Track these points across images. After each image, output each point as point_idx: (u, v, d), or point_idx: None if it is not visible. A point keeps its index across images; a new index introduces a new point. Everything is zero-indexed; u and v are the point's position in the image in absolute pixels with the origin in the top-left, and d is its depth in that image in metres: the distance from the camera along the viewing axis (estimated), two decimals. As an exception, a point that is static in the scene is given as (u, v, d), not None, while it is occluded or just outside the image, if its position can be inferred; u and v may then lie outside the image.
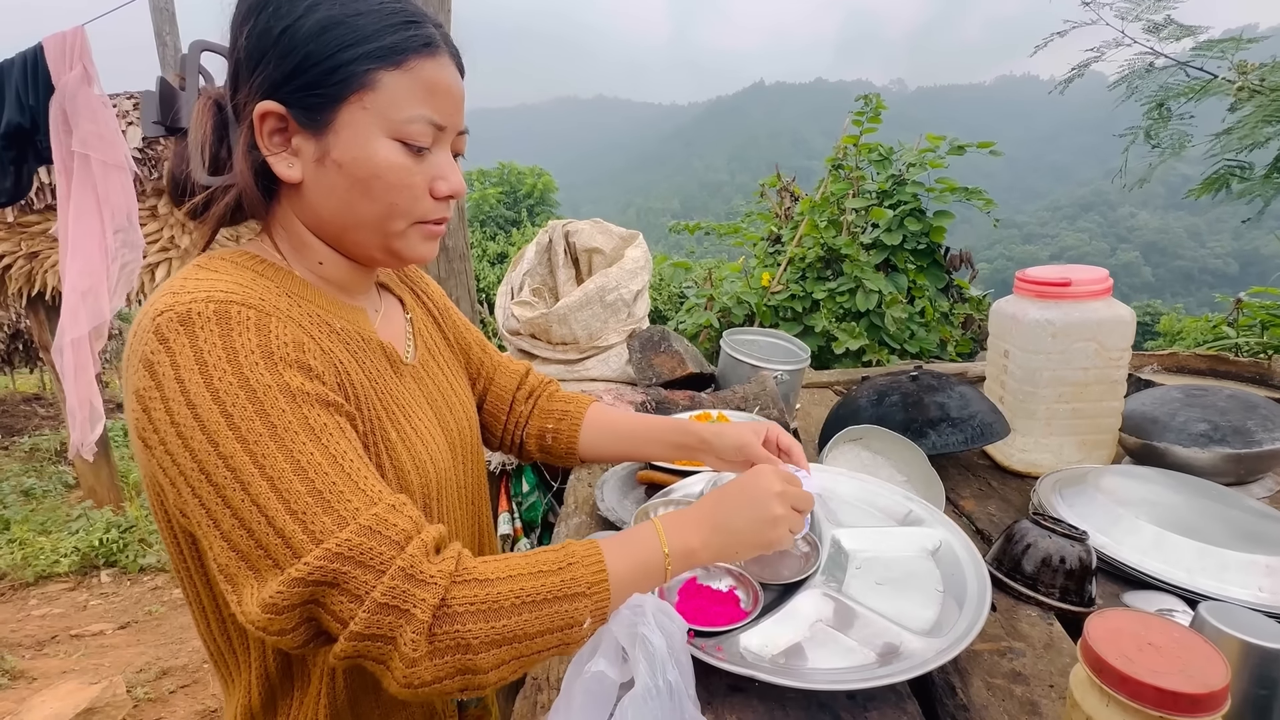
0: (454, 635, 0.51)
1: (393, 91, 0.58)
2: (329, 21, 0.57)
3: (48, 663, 2.84)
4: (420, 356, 0.77)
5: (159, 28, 3.59)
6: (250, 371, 0.52)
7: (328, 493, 0.52)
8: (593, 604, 0.55)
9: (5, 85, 2.15)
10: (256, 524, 0.51)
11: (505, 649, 0.53)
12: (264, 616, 0.50)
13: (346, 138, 0.58)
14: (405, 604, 0.50)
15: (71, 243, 2.34)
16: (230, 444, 0.51)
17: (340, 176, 0.60)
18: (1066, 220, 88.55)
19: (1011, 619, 0.78)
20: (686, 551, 0.62)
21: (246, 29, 0.58)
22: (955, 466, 1.24)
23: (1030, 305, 1.16)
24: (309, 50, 0.57)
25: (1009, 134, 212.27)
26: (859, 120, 3.19)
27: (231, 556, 0.52)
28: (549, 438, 0.91)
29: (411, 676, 0.50)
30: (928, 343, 2.99)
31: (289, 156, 0.60)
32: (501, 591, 0.53)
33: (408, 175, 0.61)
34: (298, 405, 0.53)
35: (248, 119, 0.59)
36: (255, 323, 0.54)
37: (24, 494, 4.85)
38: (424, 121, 0.60)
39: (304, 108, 0.58)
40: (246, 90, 0.59)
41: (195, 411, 0.51)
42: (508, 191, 15.21)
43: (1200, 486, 0.98)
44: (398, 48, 0.58)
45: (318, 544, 0.50)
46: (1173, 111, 2.66)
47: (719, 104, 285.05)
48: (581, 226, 1.90)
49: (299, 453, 0.52)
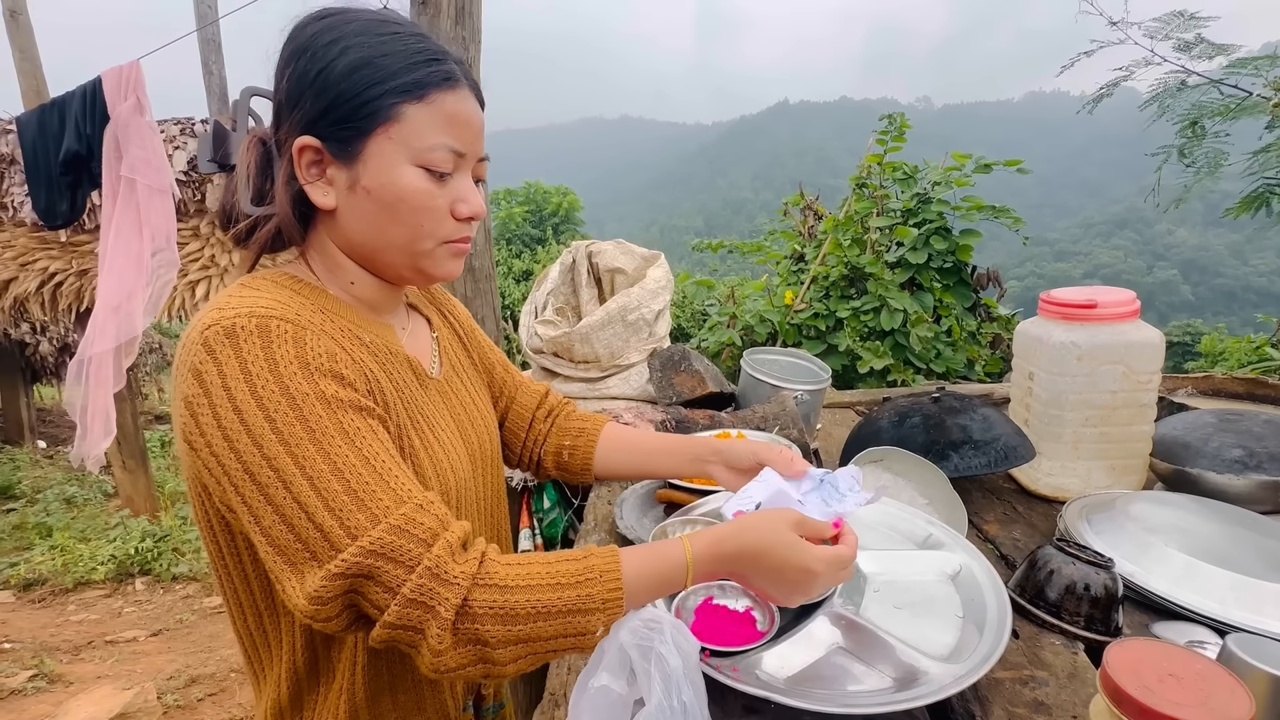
0: (473, 632, 0.56)
1: (416, 123, 0.63)
2: (359, 62, 0.62)
3: (84, 667, 2.92)
4: (445, 372, 0.80)
5: (206, 58, 3.76)
6: (290, 380, 0.57)
7: (361, 491, 0.56)
8: (605, 618, 0.58)
9: (66, 115, 2.29)
10: (298, 519, 0.55)
11: (520, 647, 0.57)
12: (310, 607, 0.55)
13: (374, 166, 0.63)
14: (431, 600, 0.55)
15: (109, 260, 2.46)
16: (274, 446, 0.55)
17: (370, 202, 0.64)
18: (1100, 237, 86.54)
19: (1034, 647, 0.77)
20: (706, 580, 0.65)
21: (287, 73, 0.64)
22: (979, 490, 1.22)
23: (1055, 327, 1.14)
24: (341, 89, 0.62)
25: (1039, 150, 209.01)
26: (883, 139, 3.19)
27: (271, 552, 0.57)
28: (565, 454, 0.94)
29: (438, 663, 0.56)
30: (954, 362, 2.94)
31: (324, 186, 0.65)
32: (519, 600, 0.56)
33: (430, 199, 0.65)
34: (333, 411, 0.58)
35: (288, 153, 0.65)
36: (293, 335, 0.59)
37: (66, 502, 5.02)
38: (445, 149, 0.65)
39: (337, 140, 0.63)
40: (287, 127, 0.65)
41: (241, 416, 0.55)
42: (533, 210, 15.45)
43: (1235, 514, 0.95)
44: (420, 83, 0.63)
45: (354, 539, 0.55)
46: (1207, 129, 2.61)
47: (743, 123, 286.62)
48: (604, 247, 1.93)
49: (335, 455, 0.56)
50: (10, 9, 3.66)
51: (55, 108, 2.44)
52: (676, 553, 0.63)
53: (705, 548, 0.64)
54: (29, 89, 3.74)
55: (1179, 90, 2.64)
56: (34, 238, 3.79)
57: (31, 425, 7.07)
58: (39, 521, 4.56)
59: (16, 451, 6.19)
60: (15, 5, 3.67)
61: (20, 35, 3.71)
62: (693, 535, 0.65)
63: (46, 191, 2.60)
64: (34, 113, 2.85)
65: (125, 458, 4.52)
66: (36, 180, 2.62)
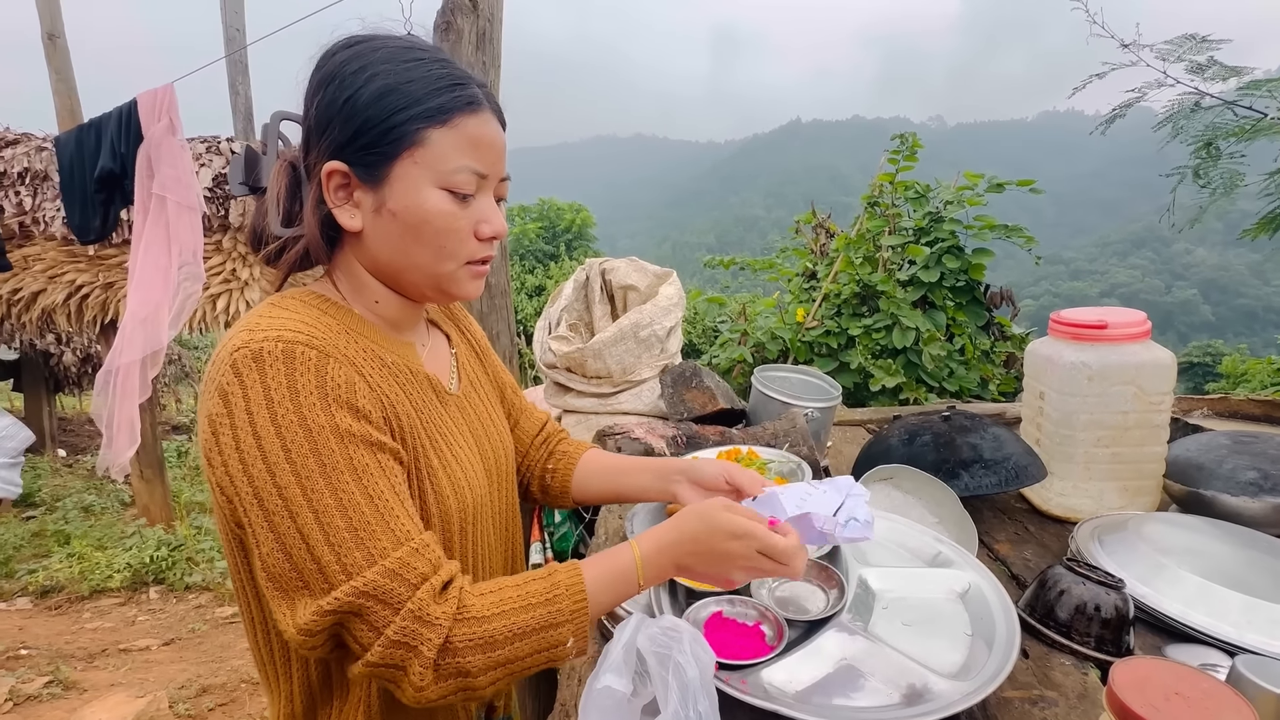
0: (456, 666, 0.59)
1: (440, 146, 0.65)
2: (385, 89, 0.64)
3: (97, 675, 2.95)
4: (463, 388, 0.83)
5: (233, 79, 3.89)
6: (308, 411, 0.59)
7: (362, 530, 0.59)
8: (574, 629, 0.63)
9: (102, 135, 2.37)
10: (298, 550, 0.58)
11: (499, 670, 0.61)
12: (299, 637, 0.59)
13: (400, 189, 0.66)
14: (414, 641, 0.58)
15: (138, 274, 2.53)
16: (286, 475, 0.58)
17: (395, 224, 0.67)
18: (1117, 256, 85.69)
19: (1044, 667, 0.76)
20: (658, 577, 0.68)
21: (316, 100, 0.67)
22: (991, 510, 1.22)
23: (1066, 347, 1.15)
24: (367, 115, 0.64)
25: (1053, 170, 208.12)
26: (894, 158, 3.21)
27: (264, 577, 0.60)
28: (548, 478, 0.97)
29: (419, 697, 0.59)
30: (968, 381, 2.93)
31: (351, 209, 0.68)
32: (497, 628, 0.60)
33: (454, 220, 0.67)
34: (345, 445, 0.60)
35: (316, 177, 0.67)
36: (315, 364, 0.61)
37: (84, 510, 5.09)
38: (468, 171, 0.67)
39: (364, 165, 0.66)
40: (316, 152, 0.67)
41: (259, 442, 0.58)
42: (547, 226, 15.61)
43: (1249, 537, 0.94)
44: (444, 108, 0.65)
45: (348, 578, 0.58)
46: (1222, 150, 2.60)
47: (755, 141, 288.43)
48: (617, 264, 1.96)
49: (341, 490, 0.59)
50: (49, 32, 3.81)
51: (92, 128, 2.53)
52: (626, 553, 0.67)
53: (650, 540, 0.68)
54: (63, 109, 3.88)
55: (1193, 111, 2.63)
56: (63, 251, 3.90)
57: (53, 434, 7.20)
58: (58, 529, 4.63)
59: (38, 460, 6.30)
60: (54, 29, 3.82)
61: (57, 58, 3.86)
62: (640, 535, 0.69)
63: (81, 208, 2.69)
64: (72, 132, 2.96)
65: (143, 467, 4.59)
66: (71, 197, 2.72)
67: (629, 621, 0.60)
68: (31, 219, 3.79)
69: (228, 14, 3.83)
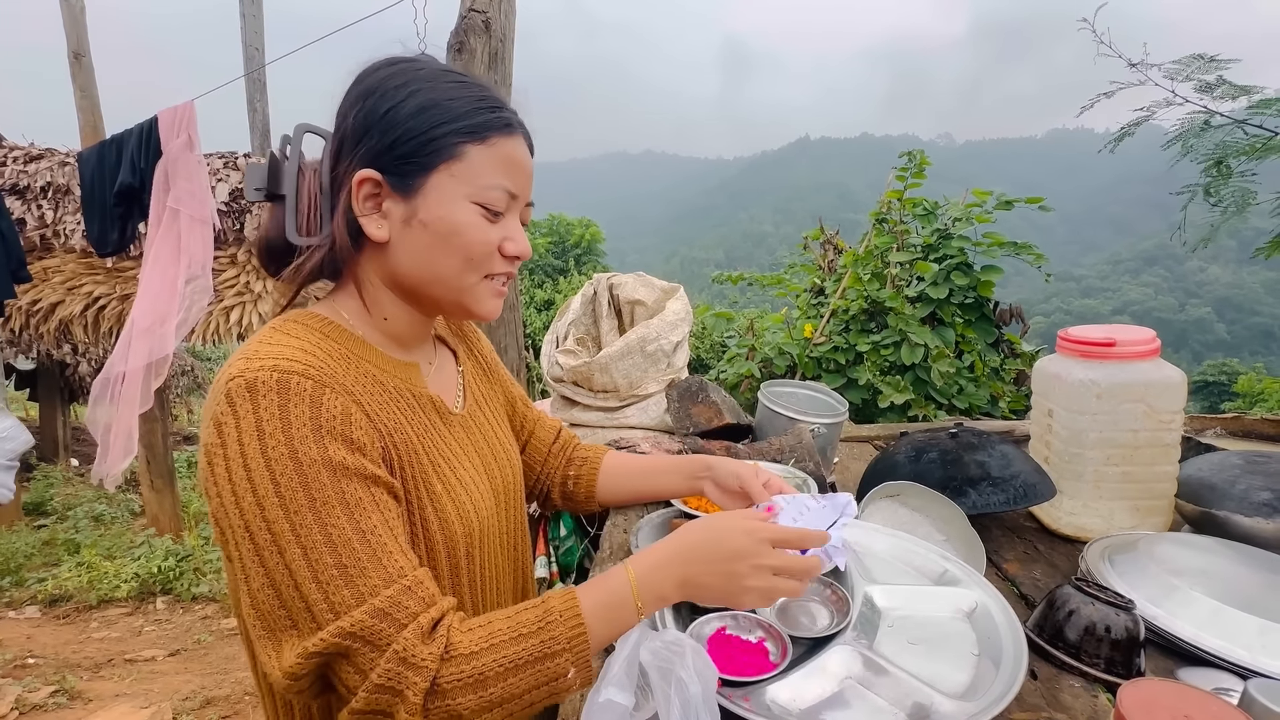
0: (446, 709, 0.56)
1: (477, 163, 0.67)
2: (427, 103, 0.66)
3: (103, 685, 2.95)
4: (469, 407, 0.82)
5: (251, 95, 3.97)
6: (300, 444, 0.58)
7: (351, 568, 0.57)
8: (574, 657, 0.59)
9: (123, 150, 2.43)
10: (285, 588, 0.57)
11: (495, 712, 0.57)
12: (284, 681, 0.57)
13: (434, 200, 0.67)
14: (399, 685, 0.55)
15: (145, 284, 2.57)
16: (275, 509, 0.57)
17: (424, 234, 0.68)
18: (1129, 274, 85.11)
19: (1053, 689, 0.75)
20: (658, 599, 0.65)
21: (355, 111, 0.68)
22: (1000, 528, 1.20)
23: (1074, 365, 1.14)
24: (409, 126, 0.66)
25: (1063, 188, 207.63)
26: (902, 175, 3.22)
27: (252, 614, 0.58)
28: (570, 484, 0.97)
29: None
30: (977, 398, 2.91)
31: (379, 218, 0.69)
32: (487, 663, 0.57)
33: (484, 233, 0.69)
34: (337, 479, 0.59)
35: (347, 185, 0.68)
36: (310, 394, 0.60)
37: (94, 519, 5.14)
38: (501, 190, 0.68)
39: (399, 174, 0.67)
40: (349, 160, 0.68)
41: (249, 475, 0.57)
42: (556, 241, 15.73)
43: (1264, 559, 0.93)
44: (484, 126, 0.67)
45: (336, 617, 0.56)
46: (1233, 169, 2.59)
47: (764, 158, 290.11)
48: (625, 279, 1.97)
49: (332, 525, 0.57)
50: (75, 51, 3.91)
51: (114, 144, 2.60)
52: (619, 575, 0.64)
53: (646, 560, 0.65)
54: (87, 125, 3.97)
55: (1203, 130, 2.63)
56: (82, 263, 3.98)
57: (66, 444, 7.28)
58: (68, 538, 4.66)
59: (50, 469, 6.37)
60: (80, 48, 3.93)
61: (82, 75, 3.96)
62: (636, 554, 0.67)
63: (100, 222, 2.75)
64: (94, 148, 3.04)
65: (153, 477, 4.63)
66: (91, 211, 2.78)
67: (631, 635, 0.59)
68: (52, 232, 3.88)
69: (247, 34, 3.92)
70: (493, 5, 2.22)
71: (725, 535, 0.65)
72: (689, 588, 0.65)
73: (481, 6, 2.19)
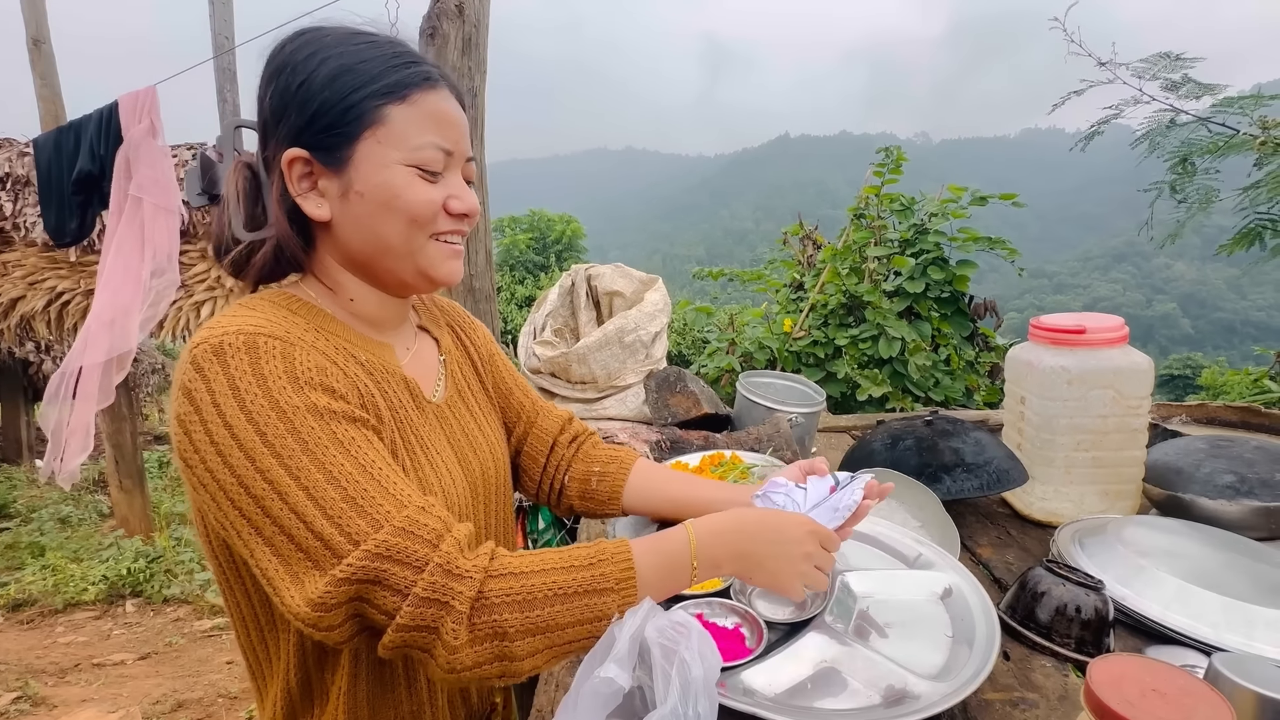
0: (491, 624, 0.55)
1: (402, 123, 0.64)
2: (339, 70, 0.64)
3: (69, 690, 2.87)
4: (448, 396, 0.79)
5: (221, 85, 3.86)
6: (279, 394, 0.57)
7: (360, 498, 0.56)
8: (620, 599, 0.59)
9: (81, 137, 2.35)
10: (297, 530, 0.55)
11: (539, 638, 0.56)
12: (313, 614, 0.54)
13: (365, 170, 0.64)
14: (445, 596, 0.54)
15: (106, 275, 2.48)
16: (266, 459, 0.55)
17: (363, 205, 0.65)
18: (1099, 271, 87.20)
19: (1025, 669, 0.76)
20: (713, 564, 0.66)
21: (269, 91, 0.65)
22: (974, 514, 1.22)
23: (1045, 352, 1.16)
24: (324, 97, 0.63)
25: (1035, 185, 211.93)
26: (880, 171, 3.26)
27: (274, 561, 0.56)
28: (594, 481, 0.90)
29: (454, 661, 0.54)
30: (953, 390, 2.95)
31: (316, 197, 0.66)
32: (535, 584, 0.57)
33: (425, 193, 0.66)
34: (325, 422, 0.58)
35: (277, 169, 0.65)
36: (281, 351, 0.59)
37: (61, 521, 4.99)
38: (434, 148, 0.66)
39: (325, 149, 0.64)
40: (274, 144, 0.66)
41: (232, 431, 0.55)
42: (537, 237, 15.63)
43: (1227, 540, 0.95)
44: (401, 84, 0.64)
45: (356, 545, 0.54)
46: (1197, 166, 2.66)
47: (744, 155, 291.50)
48: (603, 270, 1.96)
49: (330, 464, 0.56)
50: (34, 38, 3.78)
51: (72, 130, 2.51)
52: (679, 534, 0.65)
53: (705, 525, 0.66)
54: (48, 114, 3.84)
55: (1168, 128, 2.69)
56: (44, 257, 3.85)
57: (30, 444, 7.05)
58: (32, 541, 4.52)
59: (14, 470, 6.17)
60: (39, 34, 3.79)
61: (42, 63, 3.83)
62: (692, 520, 0.68)
63: (57, 210, 2.66)
64: (51, 134, 2.93)
65: (122, 477, 4.50)
66: (48, 199, 2.68)
67: (640, 608, 0.57)
68: (12, 224, 3.74)
69: (217, 21, 3.82)
70: (467, -9, 2.19)
71: (786, 523, 0.69)
72: (743, 561, 0.67)
73: (456, -7, 2.15)
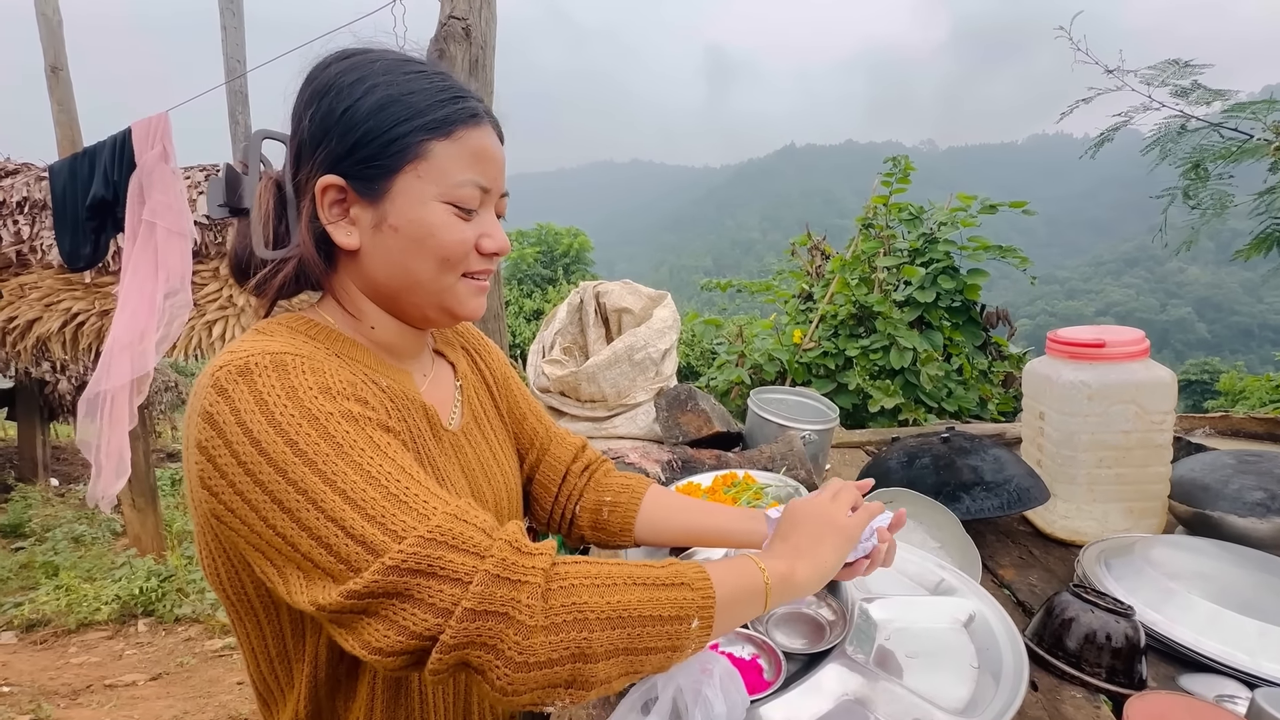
0: (571, 606, 0.52)
1: (444, 159, 0.63)
2: (386, 100, 0.62)
3: (81, 712, 2.86)
4: (464, 423, 0.78)
5: (232, 108, 3.93)
6: (311, 403, 0.55)
7: (403, 495, 0.54)
8: (699, 597, 0.56)
9: (96, 163, 2.39)
10: (334, 537, 0.51)
11: (619, 632, 0.52)
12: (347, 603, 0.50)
13: (402, 204, 0.63)
14: (515, 575, 0.51)
15: (124, 299, 2.51)
16: (298, 469, 0.52)
17: (396, 239, 0.64)
18: (1111, 276, 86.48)
19: (1055, 700, 0.73)
20: (784, 576, 0.64)
21: (310, 113, 0.64)
22: (994, 533, 1.19)
23: (1064, 366, 1.13)
24: (368, 127, 0.62)
25: (1044, 192, 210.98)
26: (888, 181, 3.24)
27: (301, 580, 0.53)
28: (606, 511, 0.87)
29: (528, 647, 0.50)
30: (967, 401, 2.91)
31: (347, 225, 0.65)
32: (609, 570, 0.56)
33: (459, 233, 0.65)
34: (360, 427, 0.56)
35: (309, 193, 0.64)
36: (311, 367, 0.57)
37: (74, 540, 5.02)
38: (472, 185, 0.65)
39: (363, 179, 0.63)
40: (309, 167, 0.64)
41: (260, 447, 0.53)
42: (545, 251, 15.70)
43: (1260, 560, 0.92)
44: (448, 120, 0.63)
45: (401, 539, 0.51)
46: (1210, 172, 2.63)
47: (750, 166, 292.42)
48: (611, 287, 1.95)
49: (369, 465, 0.54)
50: (52, 65, 3.86)
51: (86, 156, 2.55)
52: (740, 557, 0.66)
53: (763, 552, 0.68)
54: (65, 139, 3.91)
55: (1180, 134, 2.67)
56: (60, 279, 3.90)
57: (45, 463, 7.12)
58: (46, 560, 4.55)
59: (29, 489, 6.22)
60: (57, 61, 3.87)
61: (60, 89, 3.90)
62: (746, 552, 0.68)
63: (71, 235, 2.70)
64: (66, 160, 2.98)
65: (135, 496, 4.53)
66: (63, 224, 2.72)
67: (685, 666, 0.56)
68: (29, 247, 3.80)
69: (228, 45, 3.89)
70: (473, 11, 2.21)
71: (812, 499, 0.74)
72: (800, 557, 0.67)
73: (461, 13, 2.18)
